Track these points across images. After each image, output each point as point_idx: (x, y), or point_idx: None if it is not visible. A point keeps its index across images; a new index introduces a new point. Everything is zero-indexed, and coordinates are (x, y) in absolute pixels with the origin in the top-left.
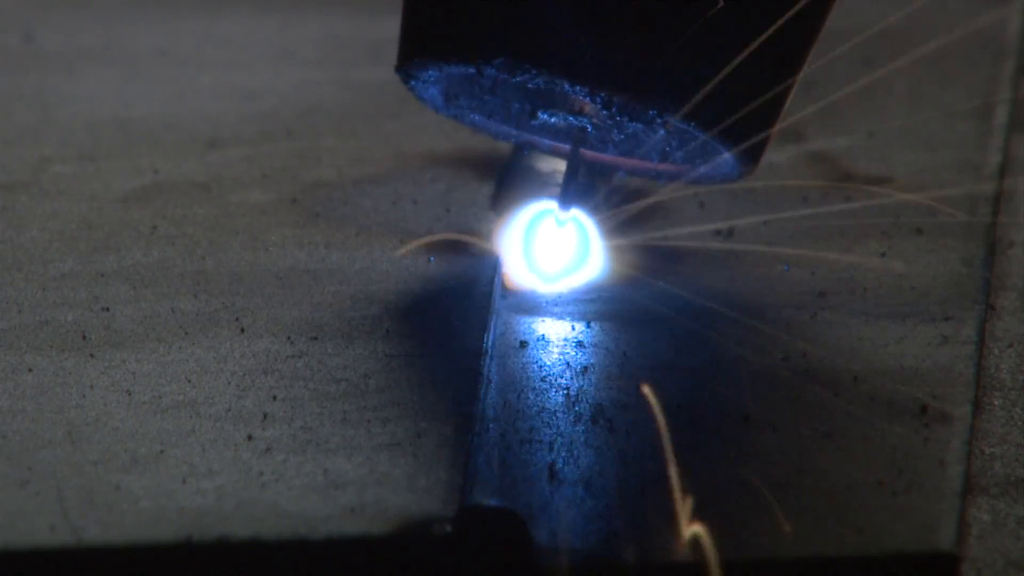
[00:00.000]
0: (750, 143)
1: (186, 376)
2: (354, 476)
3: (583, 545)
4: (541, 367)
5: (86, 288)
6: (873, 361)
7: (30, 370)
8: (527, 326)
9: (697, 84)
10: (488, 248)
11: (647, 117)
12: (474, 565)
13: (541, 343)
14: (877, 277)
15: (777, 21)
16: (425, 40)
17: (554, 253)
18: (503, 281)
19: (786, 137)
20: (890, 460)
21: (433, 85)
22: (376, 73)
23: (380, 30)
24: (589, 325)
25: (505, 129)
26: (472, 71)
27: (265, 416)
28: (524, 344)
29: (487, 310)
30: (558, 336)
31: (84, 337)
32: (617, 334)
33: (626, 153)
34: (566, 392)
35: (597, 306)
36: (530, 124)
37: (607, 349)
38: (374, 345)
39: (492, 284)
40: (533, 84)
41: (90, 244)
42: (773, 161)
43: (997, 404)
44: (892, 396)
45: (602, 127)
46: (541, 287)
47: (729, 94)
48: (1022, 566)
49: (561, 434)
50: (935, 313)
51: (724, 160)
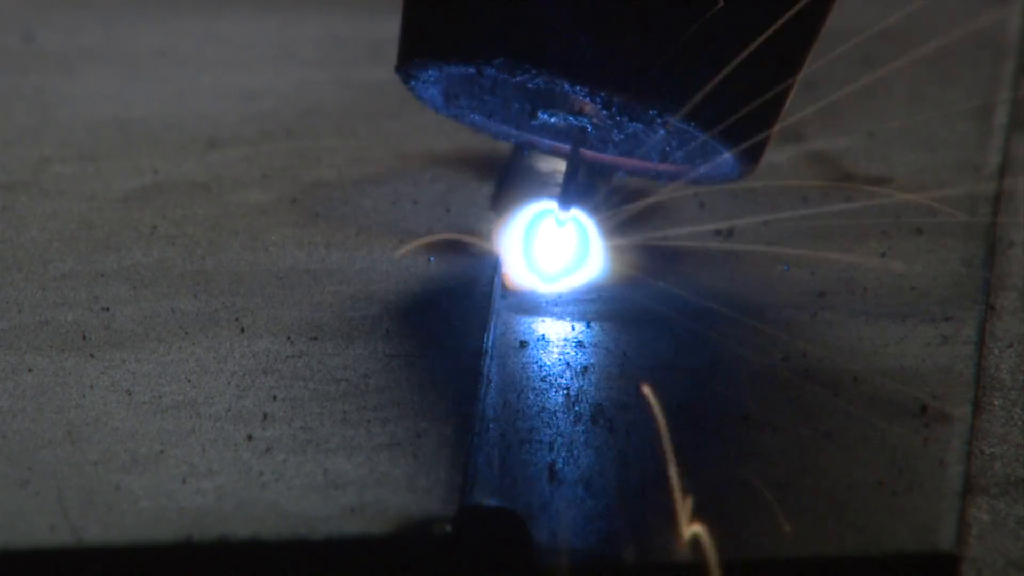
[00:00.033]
0: (750, 143)
1: (186, 376)
2: (354, 476)
3: (583, 545)
4: (541, 367)
5: (86, 288)
6: (873, 361)
7: (30, 370)
8: (527, 326)
9: (697, 84)
10: (488, 248)
11: (647, 117)
12: (474, 565)
13: (541, 343)
14: (877, 277)
15: (777, 21)
16: (425, 40)
17: (554, 253)
18: (503, 281)
19: (786, 137)
20: (890, 460)
21: (433, 85)
22: (376, 73)
23: (380, 30)
24: (589, 325)
25: (505, 129)
26: (472, 71)
27: (265, 416)
28: (524, 344)
29: (487, 310)
30: (558, 336)
31: (84, 337)
32: (617, 334)
33: (626, 153)
34: (566, 392)
35: (597, 306)
36: (530, 124)
37: (607, 349)
38: (374, 345)
39: (492, 284)
40: (533, 84)
41: (90, 244)
42: (773, 161)
43: (997, 404)
44: (892, 396)
45: (602, 127)
46: (541, 287)
47: (729, 94)
48: (1022, 566)
49: (561, 434)
50: (935, 313)
51: (724, 160)
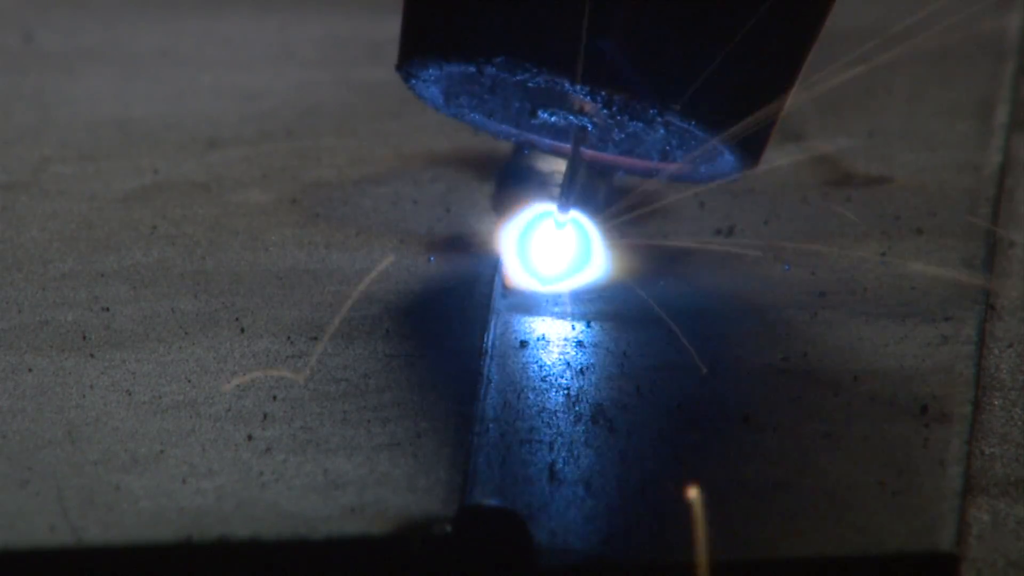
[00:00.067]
0: (750, 142)
1: (186, 376)
2: (354, 476)
3: (583, 545)
4: (541, 367)
5: (86, 288)
6: (873, 361)
7: (30, 370)
8: (527, 326)
9: (698, 83)
10: (488, 248)
11: (648, 116)
12: (474, 565)
13: (541, 343)
14: (877, 277)
15: (777, 21)
16: (425, 39)
17: (554, 253)
18: (503, 281)
19: (786, 137)
20: (890, 460)
21: (433, 84)
22: (376, 73)
23: (380, 30)
24: (589, 325)
25: (505, 128)
26: (472, 70)
27: (265, 416)
28: (524, 344)
29: (487, 310)
30: (558, 336)
31: (84, 337)
32: (617, 334)
33: (626, 152)
34: (566, 392)
35: (597, 306)
36: (530, 123)
37: (607, 349)
38: (374, 345)
39: (492, 284)
40: (533, 83)
41: (90, 244)
42: (773, 161)
43: (997, 404)
44: (892, 396)
45: (602, 126)
46: (541, 287)
47: (730, 93)
48: (1022, 566)
49: (561, 434)
50: (935, 313)
51: (724, 159)
